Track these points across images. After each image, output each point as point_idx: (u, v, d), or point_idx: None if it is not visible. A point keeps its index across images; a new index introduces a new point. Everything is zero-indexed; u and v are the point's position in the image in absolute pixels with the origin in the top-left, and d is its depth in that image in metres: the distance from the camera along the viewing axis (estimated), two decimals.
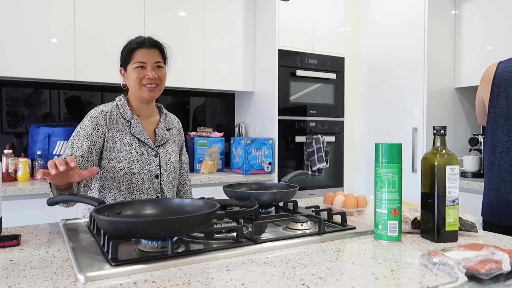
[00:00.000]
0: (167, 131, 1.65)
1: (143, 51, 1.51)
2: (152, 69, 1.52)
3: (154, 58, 1.52)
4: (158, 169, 1.54)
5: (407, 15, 3.10)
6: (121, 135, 1.51)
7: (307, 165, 3.17)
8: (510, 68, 1.71)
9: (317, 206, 1.42)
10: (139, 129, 1.53)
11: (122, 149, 1.49)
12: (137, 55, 1.51)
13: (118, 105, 1.57)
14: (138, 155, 1.51)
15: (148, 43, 1.53)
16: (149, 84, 1.51)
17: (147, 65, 1.51)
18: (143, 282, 0.79)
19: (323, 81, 3.26)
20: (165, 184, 1.57)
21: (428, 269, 0.87)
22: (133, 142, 1.51)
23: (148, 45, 1.53)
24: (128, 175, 1.48)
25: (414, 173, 2.97)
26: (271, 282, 0.79)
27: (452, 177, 1.11)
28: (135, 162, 1.49)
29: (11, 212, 2.14)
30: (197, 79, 3.04)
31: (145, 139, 1.54)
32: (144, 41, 1.53)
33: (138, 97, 1.56)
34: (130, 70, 1.52)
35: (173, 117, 1.78)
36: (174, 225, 0.90)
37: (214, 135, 3.15)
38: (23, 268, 0.88)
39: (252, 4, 3.26)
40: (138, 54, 1.51)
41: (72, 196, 1.21)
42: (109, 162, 1.48)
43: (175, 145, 1.66)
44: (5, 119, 2.74)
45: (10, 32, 2.43)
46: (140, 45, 1.52)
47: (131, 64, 1.52)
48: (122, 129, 1.52)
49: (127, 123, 1.54)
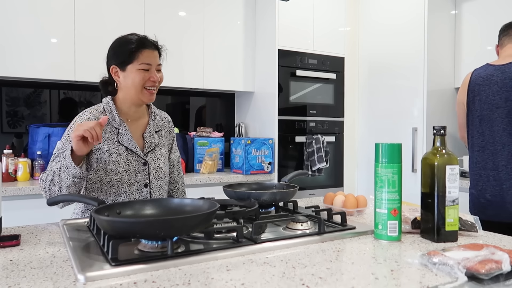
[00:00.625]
0: (156, 134, 1.56)
1: (148, 52, 1.44)
2: (155, 71, 1.45)
3: (156, 60, 1.47)
4: (147, 178, 1.48)
5: (407, 15, 3.10)
6: (108, 145, 1.43)
7: (307, 165, 3.17)
8: (482, 74, 1.93)
9: (317, 206, 1.42)
10: (127, 137, 1.45)
11: (109, 160, 1.41)
12: (142, 56, 1.42)
13: (105, 109, 1.48)
14: (126, 165, 1.44)
15: (151, 45, 1.46)
16: (151, 87, 1.45)
17: (151, 67, 1.44)
18: (143, 282, 0.79)
19: (323, 81, 3.26)
20: (155, 192, 1.50)
21: (428, 269, 0.87)
22: (121, 152, 1.44)
23: (152, 46, 1.46)
24: (115, 187, 1.42)
25: (414, 173, 2.98)
26: (271, 282, 0.79)
27: (452, 177, 1.11)
28: (123, 173, 1.43)
29: (11, 212, 2.14)
30: (197, 79, 3.04)
31: (133, 147, 1.46)
32: (146, 41, 1.46)
33: (134, 100, 1.46)
34: (132, 71, 1.42)
35: (163, 115, 1.66)
36: (174, 225, 0.90)
37: (214, 135, 3.15)
38: (23, 268, 0.88)
39: (252, 4, 3.26)
40: (144, 55, 1.42)
41: (72, 196, 1.21)
42: (96, 173, 1.41)
43: (164, 148, 1.58)
44: (5, 119, 2.74)
45: (10, 32, 2.43)
46: (145, 45, 1.44)
47: (134, 65, 1.42)
48: (109, 137, 1.44)
49: (115, 130, 1.46)
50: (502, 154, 1.84)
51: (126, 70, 1.44)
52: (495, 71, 1.89)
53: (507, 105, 1.83)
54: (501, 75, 1.86)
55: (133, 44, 1.43)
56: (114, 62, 1.46)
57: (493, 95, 1.86)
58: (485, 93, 1.89)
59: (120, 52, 1.45)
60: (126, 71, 1.44)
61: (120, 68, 1.45)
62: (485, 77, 1.91)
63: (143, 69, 1.42)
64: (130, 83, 1.43)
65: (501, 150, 1.84)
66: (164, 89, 3.23)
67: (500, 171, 1.84)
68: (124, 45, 1.45)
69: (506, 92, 1.84)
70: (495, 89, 1.86)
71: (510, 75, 1.83)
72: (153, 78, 1.43)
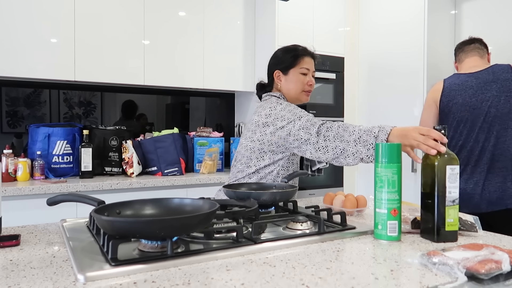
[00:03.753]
0: None
1: (308, 59, 1.68)
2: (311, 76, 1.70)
3: (313, 67, 1.71)
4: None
5: (407, 15, 3.10)
6: None
7: (307, 165, 3.16)
8: (456, 81, 2.13)
9: (317, 206, 1.41)
10: None
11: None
12: (304, 62, 1.67)
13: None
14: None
15: (310, 53, 1.70)
16: (308, 90, 1.69)
17: (309, 72, 1.69)
18: (143, 282, 0.79)
19: (323, 81, 3.26)
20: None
21: (428, 269, 0.87)
22: None
23: (310, 54, 1.70)
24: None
25: (414, 173, 2.97)
26: (271, 282, 0.79)
27: (452, 177, 1.11)
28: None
29: (10, 212, 2.15)
30: (197, 79, 3.04)
31: None
32: (306, 50, 1.70)
33: (293, 100, 1.70)
34: (295, 74, 1.67)
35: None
36: (174, 225, 0.90)
37: (213, 135, 3.15)
38: (23, 268, 0.87)
39: (251, 4, 3.26)
40: (305, 61, 1.67)
41: (72, 196, 1.21)
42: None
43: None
44: (5, 119, 2.74)
45: (10, 32, 2.43)
46: (306, 53, 1.69)
47: (296, 69, 1.66)
48: None
49: None
50: (477, 150, 2.01)
51: (289, 73, 1.68)
52: (469, 77, 2.10)
53: (482, 105, 2.01)
54: (475, 81, 2.06)
55: (297, 52, 1.68)
56: (278, 67, 1.71)
57: (469, 98, 2.04)
58: (462, 97, 2.07)
59: (284, 58, 1.70)
60: (288, 75, 1.68)
61: (283, 72, 1.69)
62: (459, 84, 2.10)
63: (303, 73, 1.67)
64: (292, 85, 1.68)
65: (476, 147, 2.01)
66: (164, 89, 3.24)
67: (473, 166, 2.02)
68: (289, 52, 1.70)
69: (481, 94, 2.02)
70: (471, 92, 2.05)
71: (483, 80, 2.04)
72: (311, 82, 1.69)
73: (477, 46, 2.22)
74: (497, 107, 1.98)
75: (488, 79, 2.03)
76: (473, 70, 2.12)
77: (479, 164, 2.00)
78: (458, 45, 2.31)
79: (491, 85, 2.02)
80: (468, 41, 2.27)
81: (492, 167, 1.98)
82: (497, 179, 1.97)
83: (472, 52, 2.22)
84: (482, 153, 2.00)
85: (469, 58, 2.22)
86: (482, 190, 1.97)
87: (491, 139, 1.98)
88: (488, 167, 1.98)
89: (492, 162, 1.98)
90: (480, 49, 2.22)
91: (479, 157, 2.00)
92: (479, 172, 1.99)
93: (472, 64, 2.18)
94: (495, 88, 2.00)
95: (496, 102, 1.99)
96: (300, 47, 1.71)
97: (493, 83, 2.01)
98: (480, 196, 1.98)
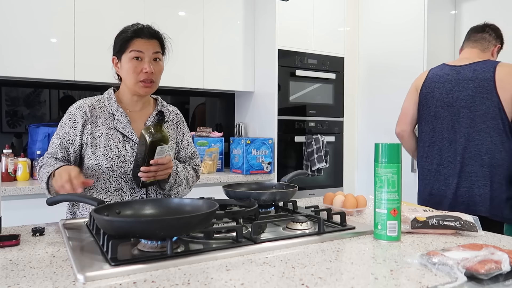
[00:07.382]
0: None
1: (141, 41, 1.39)
2: (150, 61, 1.40)
3: (153, 48, 1.41)
4: None
5: (407, 15, 3.10)
6: (102, 130, 1.41)
7: (306, 165, 3.17)
8: (439, 72, 1.98)
9: (317, 206, 1.42)
10: (123, 123, 1.42)
11: (100, 144, 1.39)
12: (134, 44, 1.38)
13: (105, 98, 1.47)
14: (119, 151, 1.39)
15: (147, 33, 1.40)
16: (145, 79, 1.40)
17: (144, 56, 1.39)
18: (143, 282, 0.79)
19: (323, 81, 3.26)
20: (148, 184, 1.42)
21: (428, 269, 0.87)
22: (115, 137, 1.41)
23: (148, 35, 1.40)
24: (105, 173, 1.38)
25: (414, 173, 2.97)
26: (271, 282, 0.79)
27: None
28: (114, 159, 1.38)
29: (10, 212, 2.14)
30: (197, 79, 3.04)
31: (128, 133, 1.42)
32: (143, 29, 1.41)
33: (132, 91, 1.44)
34: (125, 60, 1.39)
35: (172, 109, 1.62)
36: (173, 225, 0.90)
37: (213, 135, 3.15)
38: (23, 268, 0.87)
39: (251, 4, 3.26)
40: (135, 43, 1.38)
41: (71, 195, 1.21)
42: (87, 159, 1.40)
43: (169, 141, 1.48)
44: (5, 119, 2.74)
45: (9, 32, 2.43)
46: (138, 34, 1.39)
47: (126, 54, 1.39)
48: (104, 123, 1.42)
49: (111, 116, 1.43)
50: (449, 151, 1.89)
51: (121, 59, 1.42)
52: (451, 71, 1.95)
53: (456, 104, 1.87)
54: (456, 76, 1.91)
55: (127, 33, 1.41)
56: (114, 52, 1.46)
57: (446, 93, 1.92)
58: (439, 91, 1.94)
59: (116, 42, 1.44)
60: (121, 61, 1.42)
61: (118, 58, 1.44)
62: (441, 76, 1.97)
63: (134, 57, 1.38)
64: (124, 73, 1.42)
65: (448, 147, 1.89)
66: (164, 89, 3.23)
67: (445, 167, 1.90)
68: (120, 34, 1.44)
69: (458, 92, 1.88)
70: (449, 88, 1.91)
71: (464, 76, 1.88)
72: (145, 69, 1.38)
73: (484, 37, 2.00)
74: (470, 108, 1.83)
75: (467, 76, 1.86)
76: (462, 63, 1.94)
77: (451, 166, 1.87)
78: (469, 30, 2.08)
79: (468, 83, 1.85)
80: (480, 28, 2.03)
81: (462, 171, 1.83)
82: (465, 183, 1.83)
83: (474, 43, 2.01)
84: (453, 155, 1.87)
85: (467, 48, 2.03)
86: (453, 193, 1.85)
87: (462, 141, 1.84)
88: (459, 170, 1.84)
89: (462, 165, 1.83)
90: (486, 40, 2.00)
91: (452, 159, 1.87)
92: (449, 174, 1.87)
93: (465, 56, 2.00)
94: (472, 87, 1.84)
95: (470, 103, 1.83)
96: (135, 26, 1.42)
97: (471, 81, 1.84)
98: (451, 199, 1.86)
